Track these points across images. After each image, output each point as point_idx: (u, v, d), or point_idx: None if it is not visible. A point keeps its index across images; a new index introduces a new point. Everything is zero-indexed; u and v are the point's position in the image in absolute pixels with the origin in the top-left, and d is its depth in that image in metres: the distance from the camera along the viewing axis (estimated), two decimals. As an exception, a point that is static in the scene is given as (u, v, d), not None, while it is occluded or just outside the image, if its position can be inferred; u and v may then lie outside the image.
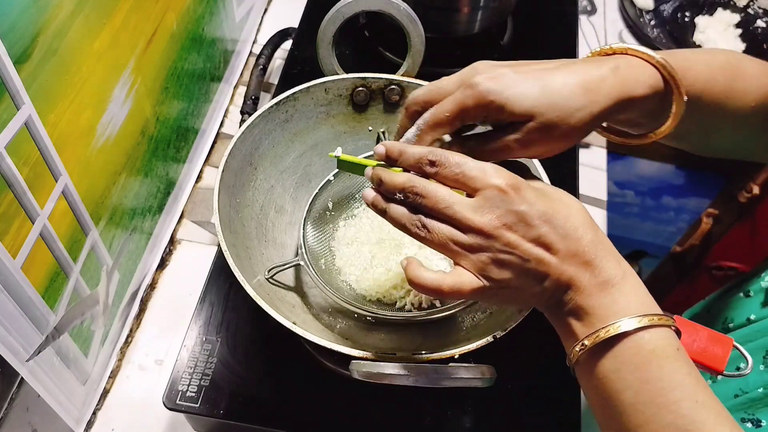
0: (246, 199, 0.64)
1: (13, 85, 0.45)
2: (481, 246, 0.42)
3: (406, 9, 0.65)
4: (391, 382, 0.49)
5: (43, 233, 0.53)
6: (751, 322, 0.68)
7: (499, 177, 0.42)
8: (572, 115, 0.44)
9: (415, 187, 0.43)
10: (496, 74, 0.44)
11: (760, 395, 0.46)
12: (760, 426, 0.58)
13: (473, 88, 0.44)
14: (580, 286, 0.42)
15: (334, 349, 0.52)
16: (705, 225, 1.38)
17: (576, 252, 0.42)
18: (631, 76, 0.45)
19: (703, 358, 0.47)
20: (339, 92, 0.68)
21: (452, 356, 0.52)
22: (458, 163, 0.43)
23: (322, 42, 0.65)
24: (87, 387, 0.67)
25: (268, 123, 0.66)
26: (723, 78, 0.50)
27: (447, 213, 0.42)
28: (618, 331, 0.40)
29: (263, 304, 0.53)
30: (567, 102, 0.43)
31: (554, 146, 0.45)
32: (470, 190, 0.43)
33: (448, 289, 0.43)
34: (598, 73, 0.44)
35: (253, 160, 0.65)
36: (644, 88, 0.45)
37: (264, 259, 0.64)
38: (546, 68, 0.45)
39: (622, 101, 0.45)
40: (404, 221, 0.44)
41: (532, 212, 0.41)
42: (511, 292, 0.43)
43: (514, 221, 0.41)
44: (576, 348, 0.42)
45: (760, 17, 1.18)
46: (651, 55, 0.45)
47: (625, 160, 1.29)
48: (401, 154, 0.45)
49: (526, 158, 0.47)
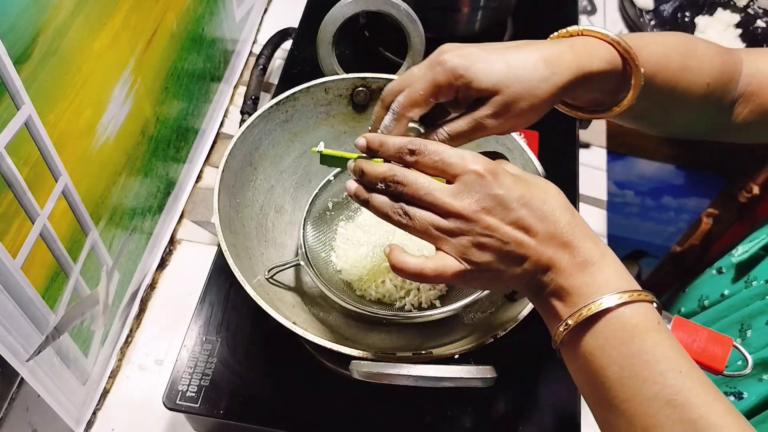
0: (246, 199, 0.64)
1: (13, 85, 0.45)
2: (461, 230, 0.43)
3: (406, 9, 0.65)
4: (391, 382, 0.49)
5: (43, 233, 0.53)
6: (725, 297, 0.69)
7: (477, 163, 0.43)
8: (537, 86, 0.46)
9: (395, 176, 0.44)
10: (463, 52, 0.47)
11: (739, 368, 0.46)
12: (741, 398, 0.59)
13: (443, 65, 0.46)
14: (560, 266, 0.43)
15: (334, 349, 0.52)
16: (705, 225, 1.38)
17: (554, 234, 0.43)
18: (587, 51, 0.48)
19: (703, 359, 0.47)
20: (339, 92, 0.68)
21: (452, 356, 0.52)
22: (437, 150, 0.44)
23: (322, 42, 0.65)
24: (87, 387, 0.67)
25: (268, 123, 0.66)
26: (677, 56, 0.53)
27: (427, 199, 0.43)
28: (600, 308, 0.41)
29: (263, 304, 0.53)
30: (531, 75, 0.46)
31: (522, 119, 0.47)
32: (450, 177, 0.44)
33: (430, 273, 0.44)
34: (557, 49, 0.47)
35: (253, 160, 0.65)
36: (600, 63, 0.48)
37: (264, 259, 0.64)
38: (508, 46, 0.48)
39: (582, 75, 0.47)
40: (386, 209, 0.45)
41: (510, 196, 0.42)
42: (492, 275, 0.44)
43: (492, 205, 0.42)
44: (560, 328, 0.43)
45: (760, 17, 1.18)
46: (605, 34, 0.48)
47: (625, 160, 1.29)
48: (381, 145, 0.46)
49: (502, 134, 0.49)
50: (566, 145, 0.87)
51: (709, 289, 0.73)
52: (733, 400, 0.60)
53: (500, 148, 0.67)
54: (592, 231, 0.44)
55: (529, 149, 0.66)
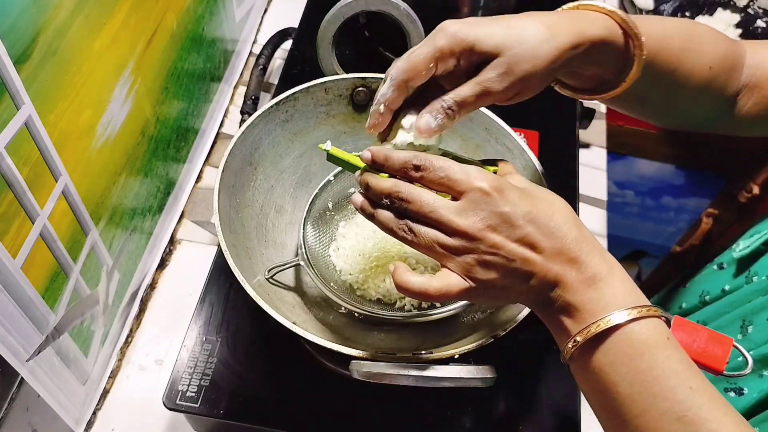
0: (246, 199, 0.64)
1: (13, 85, 0.45)
2: (466, 248, 0.42)
3: (406, 9, 0.65)
4: (390, 382, 0.49)
5: (43, 233, 0.53)
6: (726, 293, 0.69)
7: (483, 180, 0.42)
8: (539, 47, 0.45)
9: (400, 193, 0.44)
10: (464, 20, 0.47)
11: (740, 364, 0.47)
12: (742, 394, 0.59)
13: (444, 31, 0.46)
14: (567, 282, 0.42)
15: (334, 349, 0.52)
16: (705, 225, 1.38)
17: (561, 250, 0.42)
18: (586, 19, 0.48)
19: (703, 359, 0.47)
20: (339, 92, 0.68)
21: (452, 356, 0.52)
22: (442, 167, 0.43)
23: (322, 42, 0.65)
24: (87, 387, 0.67)
25: (268, 123, 0.66)
26: (678, 37, 0.52)
27: (432, 217, 0.43)
28: (609, 324, 0.41)
29: (263, 304, 0.53)
30: (533, 36, 0.45)
31: (527, 84, 0.46)
32: (455, 194, 0.43)
33: (434, 293, 0.43)
34: (556, 16, 0.48)
35: (253, 159, 0.65)
36: (600, 30, 0.47)
37: (264, 259, 0.64)
38: (508, 16, 0.48)
39: (582, 41, 0.47)
40: (391, 225, 0.45)
41: (516, 213, 0.42)
42: (497, 291, 0.44)
43: (498, 222, 0.42)
44: (569, 345, 0.43)
45: (760, 17, 1.18)
46: (601, 6, 0.48)
47: (625, 160, 1.29)
48: (386, 159, 0.46)
49: (508, 101, 0.48)
50: (566, 145, 0.87)
51: (710, 285, 0.73)
52: (733, 396, 0.61)
53: (500, 149, 0.67)
54: (599, 245, 0.44)
55: (529, 149, 0.66)
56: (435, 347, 0.53)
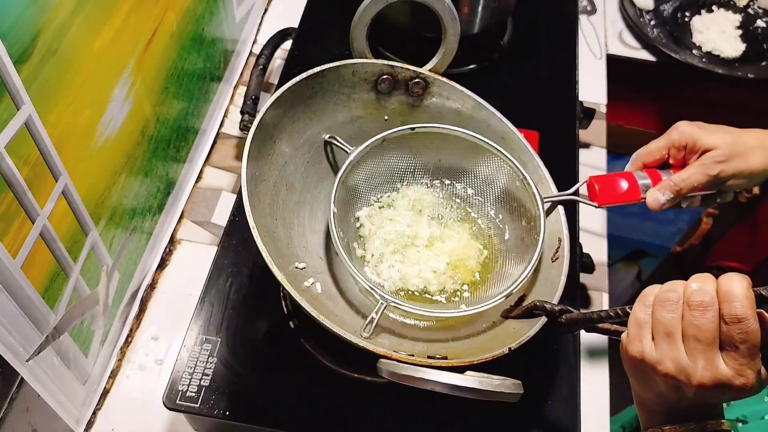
0: (263, 173, 0.63)
1: (13, 85, 0.45)
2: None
3: (449, 5, 0.64)
4: (415, 385, 0.48)
5: (43, 233, 0.53)
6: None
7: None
8: (758, 175, 0.60)
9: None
10: (696, 123, 0.62)
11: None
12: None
13: (677, 129, 0.63)
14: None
15: (368, 348, 0.51)
16: (705, 225, 1.38)
17: None
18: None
19: (625, 197, 0.63)
20: (365, 76, 0.68)
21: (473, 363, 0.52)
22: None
23: (360, 22, 0.64)
24: (87, 387, 0.67)
25: (296, 97, 0.65)
26: None
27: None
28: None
29: (288, 286, 0.52)
30: (746, 144, 0.60)
31: (739, 174, 0.60)
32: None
33: None
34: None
35: (274, 133, 0.65)
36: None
37: (275, 238, 0.62)
38: (737, 129, 0.62)
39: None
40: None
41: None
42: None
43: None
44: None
45: (760, 17, 1.18)
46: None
47: (625, 160, 1.29)
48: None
49: (728, 183, 0.62)
50: (566, 145, 0.87)
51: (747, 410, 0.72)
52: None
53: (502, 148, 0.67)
54: None
55: (531, 148, 0.66)
56: (461, 350, 0.52)
